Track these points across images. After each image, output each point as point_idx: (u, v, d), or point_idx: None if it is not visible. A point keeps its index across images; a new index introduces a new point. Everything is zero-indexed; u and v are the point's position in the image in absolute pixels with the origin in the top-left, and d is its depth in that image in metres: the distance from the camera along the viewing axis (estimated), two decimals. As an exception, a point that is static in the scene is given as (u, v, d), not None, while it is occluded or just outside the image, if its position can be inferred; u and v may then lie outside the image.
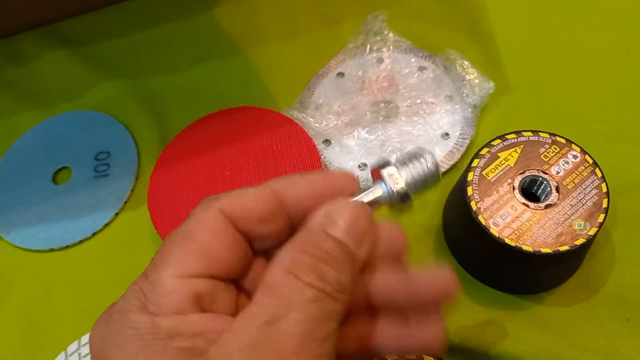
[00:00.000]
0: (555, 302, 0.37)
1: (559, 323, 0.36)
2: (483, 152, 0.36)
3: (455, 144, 0.44)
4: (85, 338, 0.39)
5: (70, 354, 0.38)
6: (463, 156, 0.43)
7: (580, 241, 0.32)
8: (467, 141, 0.44)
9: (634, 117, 0.43)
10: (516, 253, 0.33)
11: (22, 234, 0.44)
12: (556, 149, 0.35)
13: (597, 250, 0.38)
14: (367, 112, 0.46)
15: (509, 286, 0.37)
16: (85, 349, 0.38)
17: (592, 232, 0.33)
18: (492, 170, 0.35)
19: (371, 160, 0.44)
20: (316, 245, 0.19)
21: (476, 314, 0.37)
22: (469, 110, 0.44)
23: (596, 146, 0.38)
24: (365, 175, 0.43)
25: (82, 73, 0.53)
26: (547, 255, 0.32)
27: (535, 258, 0.32)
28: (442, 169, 0.43)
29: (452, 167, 0.43)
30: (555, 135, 0.36)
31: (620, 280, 0.37)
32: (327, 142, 0.45)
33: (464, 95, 0.45)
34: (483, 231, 0.34)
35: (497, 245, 0.33)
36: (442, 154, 0.43)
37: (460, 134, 0.44)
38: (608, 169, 0.38)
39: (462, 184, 0.36)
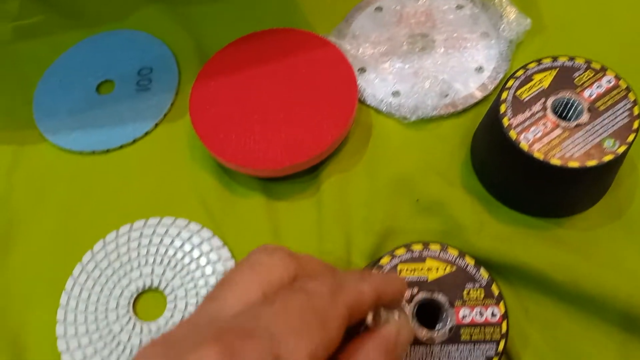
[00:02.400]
0: (576, 226, 0.38)
1: (578, 243, 0.37)
2: (518, 74, 0.37)
3: (488, 77, 0.45)
4: (123, 229, 0.41)
5: (108, 242, 0.41)
6: (495, 89, 0.44)
7: (608, 157, 0.33)
8: (501, 75, 0.45)
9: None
10: (544, 167, 0.34)
11: (67, 137, 0.46)
12: (591, 74, 0.36)
13: (622, 182, 0.39)
14: (404, 43, 0.47)
15: (533, 208, 0.38)
16: (122, 239, 0.41)
17: (620, 150, 0.34)
18: (526, 91, 0.36)
19: (405, 87, 0.45)
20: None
21: (500, 232, 0.38)
22: (505, 45, 0.45)
23: (633, 75, 0.38)
24: (397, 101, 0.44)
25: (126, -4, 0.55)
26: (574, 169, 0.33)
27: (563, 172, 0.34)
28: (475, 99, 0.44)
29: (484, 99, 0.44)
30: (590, 61, 0.37)
31: (642, 209, 0.38)
32: (362, 70, 0.47)
33: (500, 30, 0.46)
34: (512, 146, 0.35)
35: (526, 159, 0.34)
36: (474, 86, 0.44)
37: (494, 67, 0.45)
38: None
39: (496, 103, 0.37)
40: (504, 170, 0.38)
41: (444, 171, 0.41)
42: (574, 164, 0.33)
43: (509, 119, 0.36)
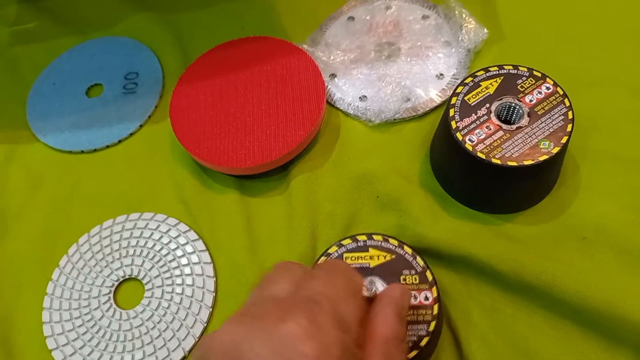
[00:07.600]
0: (522, 222, 0.41)
1: (522, 237, 0.40)
2: (467, 80, 0.41)
3: (447, 83, 0.48)
4: (106, 223, 0.44)
5: (93, 236, 0.44)
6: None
7: (543, 157, 0.37)
8: (459, 81, 0.48)
9: (614, 66, 0.47)
10: (486, 166, 0.37)
11: (56, 137, 0.50)
12: (532, 81, 0.40)
13: (565, 181, 0.42)
14: (372, 51, 0.50)
15: (482, 204, 0.41)
16: (105, 232, 0.44)
17: (554, 150, 0.37)
18: (474, 96, 0.40)
19: (371, 92, 0.48)
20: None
21: (452, 226, 0.41)
22: (464, 54, 0.49)
23: (576, 91, 0.41)
24: (364, 105, 0.48)
25: (115, 5, 0.58)
26: (512, 168, 0.37)
27: (502, 170, 0.37)
28: (435, 104, 0.47)
29: (443, 104, 0.47)
30: (532, 69, 0.40)
31: (583, 206, 0.41)
32: (333, 75, 0.50)
33: (460, 40, 0.49)
34: (459, 146, 0.38)
35: (470, 158, 0.38)
36: (435, 91, 0.48)
37: (453, 74, 0.48)
38: (584, 110, 0.42)
39: (446, 107, 0.40)
40: (455, 170, 0.41)
41: (403, 170, 0.45)
42: (512, 163, 0.37)
43: (457, 122, 0.39)
